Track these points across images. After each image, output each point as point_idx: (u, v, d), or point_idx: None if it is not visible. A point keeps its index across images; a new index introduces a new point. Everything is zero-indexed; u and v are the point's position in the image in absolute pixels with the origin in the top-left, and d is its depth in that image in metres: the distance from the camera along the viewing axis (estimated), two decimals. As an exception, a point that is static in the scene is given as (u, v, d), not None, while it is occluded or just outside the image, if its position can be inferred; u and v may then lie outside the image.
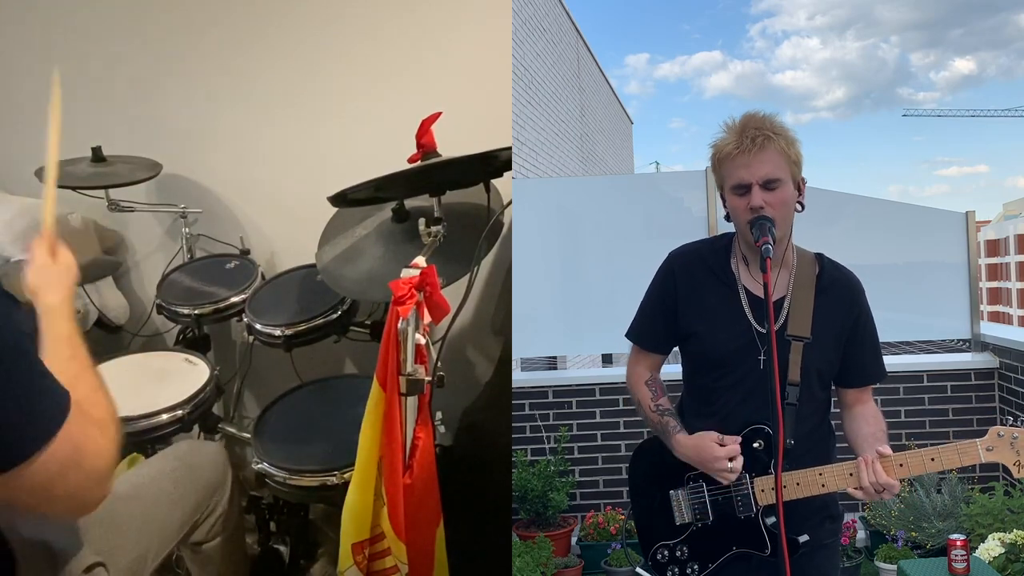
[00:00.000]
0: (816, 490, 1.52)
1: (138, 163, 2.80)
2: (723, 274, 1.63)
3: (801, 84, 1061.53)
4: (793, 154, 1.53)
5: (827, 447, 1.64)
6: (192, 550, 1.95)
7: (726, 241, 1.67)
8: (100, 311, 2.84)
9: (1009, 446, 1.46)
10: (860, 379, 1.65)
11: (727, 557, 1.60)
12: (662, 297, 1.68)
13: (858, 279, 1.64)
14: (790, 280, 1.60)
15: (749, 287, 1.60)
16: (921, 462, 1.47)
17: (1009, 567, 2.72)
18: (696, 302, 1.63)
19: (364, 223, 2.29)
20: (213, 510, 1.93)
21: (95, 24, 2.93)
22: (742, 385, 1.57)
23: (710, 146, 1.58)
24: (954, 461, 1.47)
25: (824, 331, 1.57)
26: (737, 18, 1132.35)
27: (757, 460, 1.55)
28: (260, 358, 2.67)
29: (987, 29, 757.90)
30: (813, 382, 1.57)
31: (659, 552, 1.66)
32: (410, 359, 1.70)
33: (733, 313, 1.59)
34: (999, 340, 3.69)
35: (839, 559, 1.76)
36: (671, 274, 1.68)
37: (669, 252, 1.71)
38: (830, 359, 1.59)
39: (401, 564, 1.77)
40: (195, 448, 2.03)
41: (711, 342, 1.61)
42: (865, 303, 1.62)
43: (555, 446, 3.72)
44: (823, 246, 1.66)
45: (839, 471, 1.51)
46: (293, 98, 2.78)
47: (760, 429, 1.55)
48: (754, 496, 1.56)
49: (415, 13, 2.56)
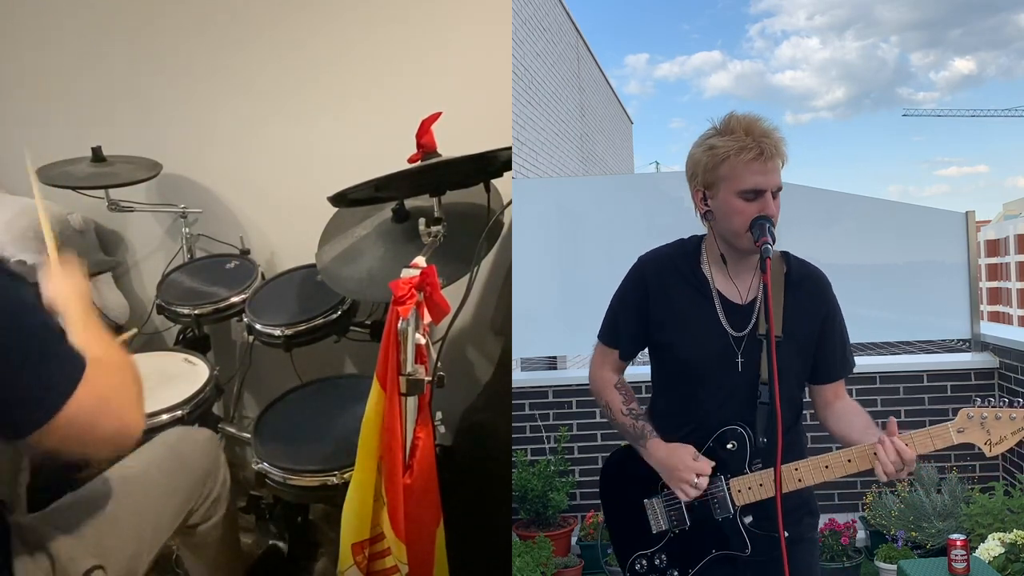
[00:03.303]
0: (793, 485, 1.52)
1: (138, 163, 2.80)
2: (695, 279, 1.62)
3: (801, 84, 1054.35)
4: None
5: (800, 446, 1.65)
6: (186, 534, 1.91)
7: (695, 244, 1.66)
8: (100, 311, 2.84)
9: (980, 426, 1.48)
10: (833, 373, 1.65)
11: (707, 561, 1.60)
12: (633, 302, 1.67)
13: (824, 275, 1.64)
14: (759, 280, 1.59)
15: (723, 291, 1.60)
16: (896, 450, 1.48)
17: (1009, 567, 2.72)
18: (668, 308, 1.62)
19: (364, 223, 2.29)
20: (207, 495, 1.90)
21: (95, 24, 2.93)
22: (717, 389, 1.57)
23: (702, 144, 1.55)
24: (927, 445, 1.48)
25: (796, 329, 1.57)
26: (737, 18, 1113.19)
27: (731, 461, 1.56)
28: (260, 358, 2.67)
29: (987, 29, 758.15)
30: (787, 380, 1.56)
31: (637, 562, 1.66)
32: (410, 359, 1.70)
33: (706, 318, 1.59)
34: (999, 340, 3.68)
35: (818, 553, 1.77)
36: (642, 279, 1.66)
37: (639, 256, 1.70)
38: (803, 357, 1.59)
39: (401, 564, 1.76)
40: (185, 436, 1.98)
41: (684, 348, 1.61)
42: (833, 298, 1.63)
43: (555, 446, 3.72)
44: (823, 246, 1.66)
45: (815, 464, 1.52)
46: (293, 98, 2.78)
47: (734, 430, 1.56)
48: (731, 497, 1.56)
49: (415, 13, 2.56)
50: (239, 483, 2.57)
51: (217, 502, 1.94)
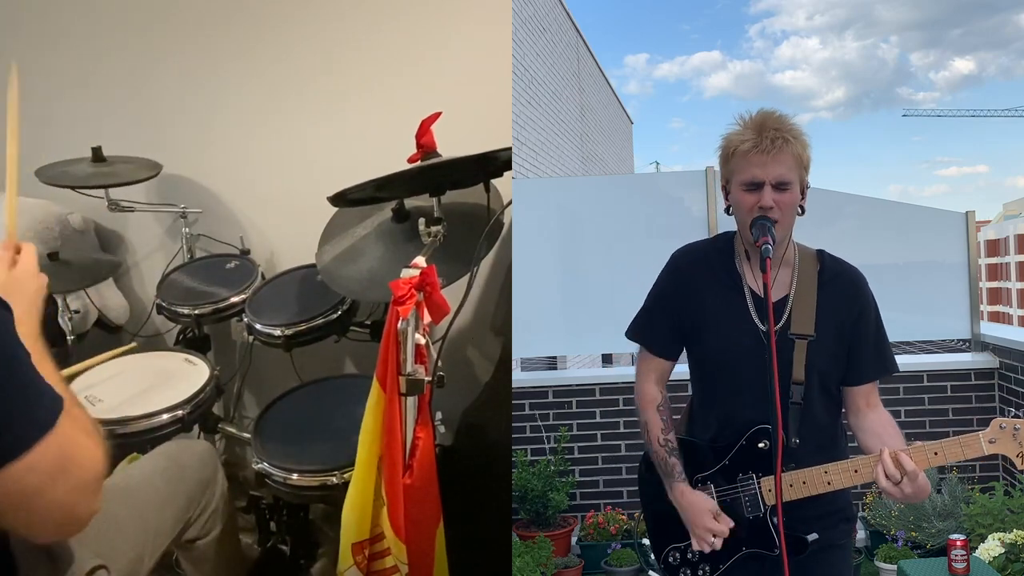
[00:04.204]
0: (822, 488, 1.51)
1: (138, 163, 2.80)
2: (728, 274, 1.62)
3: (800, 84, 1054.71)
4: (805, 159, 1.53)
5: (838, 447, 1.63)
6: (186, 548, 1.95)
7: (728, 240, 1.66)
8: (100, 311, 2.84)
9: (1012, 438, 1.45)
10: (865, 375, 1.61)
11: (738, 558, 1.60)
12: (669, 297, 1.67)
13: (860, 273, 1.62)
14: (793, 278, 1.59)
15: (753, 287, 1.60)
16: (924, 456, 1.46)
17: (1009, 567, 2.72)
18: (700, 303, 1.62)
19: (364, 223, 2.29)
20: (205, 506, 1.93)
21: (95, 24, 2.93)
22: (748, 386, 1.56)
23: (722, 137, 1.57)
24: (957, 454, 1.46)
25: (827, 328, 1.56)
26: (736, 18, 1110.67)
27: (763, 460, 1.55)
28: (260, 358, 2.67)
29: (987, 29, 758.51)
30: (819, 380, 1.56)
31: (670, 555, 1.67)
32: (410, 359, 1.70)
33: (738, 313, 1.59)
34: (999, 340, 3.69)
35: (851, 562, 1.75)
36: (676, 273, 1.67)
37: (672, 252, 1.70)
38: (835, 356, 1.57)
39: (401, 564, 1.76)
40: (184, 447, 2.04)
41: (716, 343, 1.61)
42: (870, 296, 1.60)
43: (555, 446, 3.72)
44: (823, 246, 1.66)
45: (845, 467, 1.50)
46: (294, 98, 2.78)
47: (765, 429, 1.54)
48: (761, 496, 1.56)
49: (415, 13, 2.56)
50: (239, 483, 2.58)
51: (215, 514, 1.96)
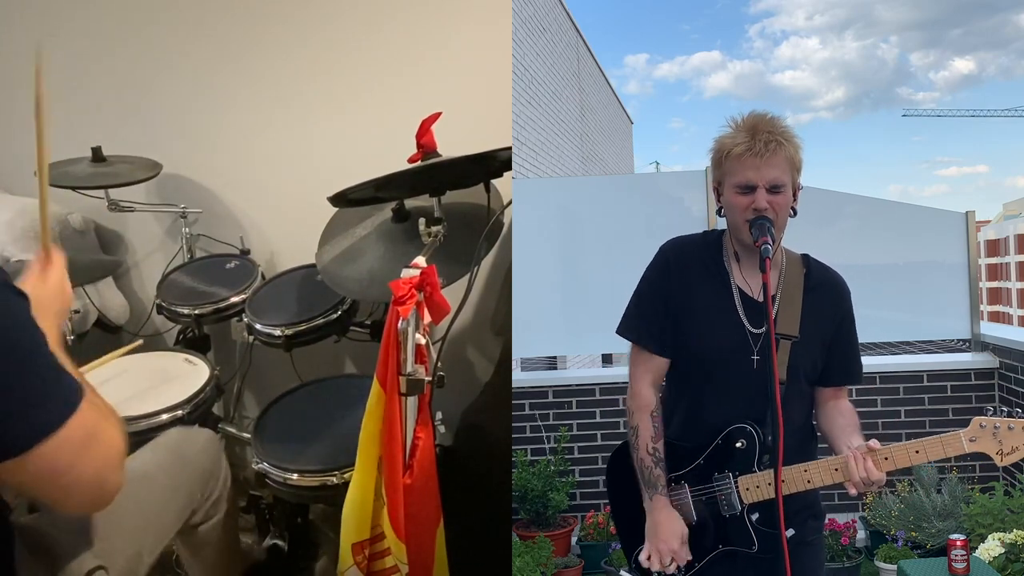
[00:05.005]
0: (802, 486, 1.53)
1: (138, 163, 2.80)
2: (717, 270, 1.62)
3: (800, 84, 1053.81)
4: (798, 161, 1.55)
5: (811, 446, 1.65)
6: (187, 533, 1.90)
7: (717, 237, 1.66)
8: (100, 311, 2.84)
9: (992, 436, 1.48)
10: (840, 379, 1.65)
11: (713, 556, 1.60)
12: (657, 289, 1.65)
13: (844, 281, 1.65)
14: (780, 280, 1.61)
15: (742, 286, 1.60)
16: (906, 455, 1.49)
17: (1009, 567, 2.72)
18: (688, 297, 1.62)
19: (364, 223, 2.29)
20: (209, 495, 1.90)
21: (95, 24, 2.93)
22: (730, 384, 1.57)
23: (715, 140, 1.58)
24: (938, 452, 1.49)
25: (811, 330, 1.58)
26: (736, 18, 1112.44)
27: (739, 459, 1.56)
28: (260, 358, 2.67)
29: (987, 29, 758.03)
30: (799, 380, 1.58)
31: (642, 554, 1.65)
32: (410, 359, 1.70)
33: (725, 312, 1.59)
34: (999, 340, 3.69)
35: (824, 557, 1.78)
36: (665, 265, 1.66)
37: (661, 245, 1.69)
38: (815, 358, 1.60)
39: (401, 564, 1.76)
40: (186, 436, 1.97)
41: (700, 340, 1.60)
42: (850, 305, 1.64)
43: (555, 446, 3.72)
44: (823, 246, 1.66)
45: (824, 466, 1.52)
46: (293, 98, 2.78)
47: (743, 428, 1.55)
48: (739, 495, 1.56)
49: (415, 13, 2.56)
50: (239, 483, 2.57)
51: (218, 502, 1.94)
